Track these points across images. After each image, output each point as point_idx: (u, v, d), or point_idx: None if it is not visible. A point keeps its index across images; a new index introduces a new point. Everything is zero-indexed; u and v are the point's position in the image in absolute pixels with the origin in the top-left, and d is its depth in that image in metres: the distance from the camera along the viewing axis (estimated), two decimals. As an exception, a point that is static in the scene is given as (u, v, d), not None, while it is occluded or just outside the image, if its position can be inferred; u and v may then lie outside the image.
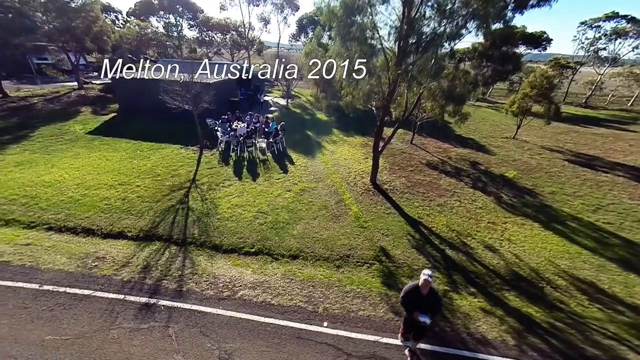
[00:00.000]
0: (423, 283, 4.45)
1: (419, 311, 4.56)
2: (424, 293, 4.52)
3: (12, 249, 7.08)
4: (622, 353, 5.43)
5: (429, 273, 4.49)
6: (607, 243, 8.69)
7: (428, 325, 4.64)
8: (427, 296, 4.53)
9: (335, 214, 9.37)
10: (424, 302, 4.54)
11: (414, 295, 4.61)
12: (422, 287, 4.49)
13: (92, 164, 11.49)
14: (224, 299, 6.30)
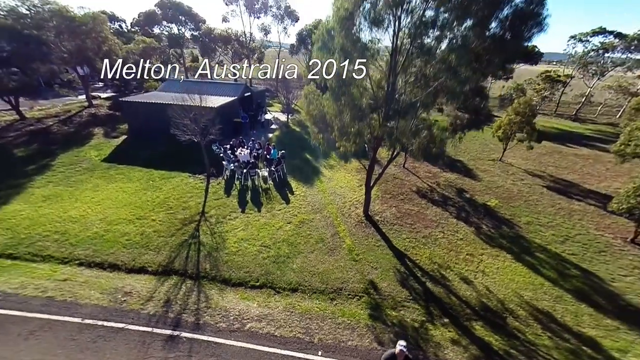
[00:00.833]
0: (399, 353, 5.23)
1: None
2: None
3: (52, 284, 8.29)
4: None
5: (404, 344, 5.25)
6: (568, 274, 9.92)
7: None
8: None
9: (330, 247, 10.59)
10: None
11: None
12: (398, 355, 5.26)
13: (110, 196, 12.67)
14: (235, 331, 7.51)
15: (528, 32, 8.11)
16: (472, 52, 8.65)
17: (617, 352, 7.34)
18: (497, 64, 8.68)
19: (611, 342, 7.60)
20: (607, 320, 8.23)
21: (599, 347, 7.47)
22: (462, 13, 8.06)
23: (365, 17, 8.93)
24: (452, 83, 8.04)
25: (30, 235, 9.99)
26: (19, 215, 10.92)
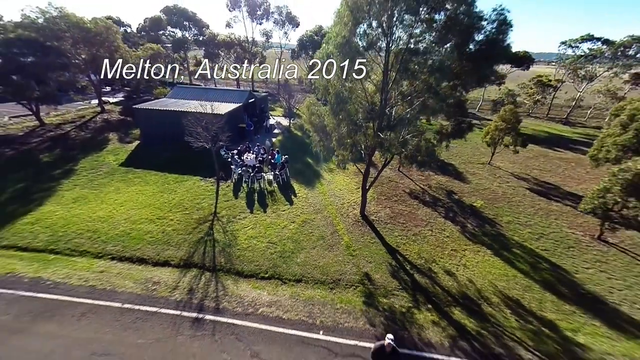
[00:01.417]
0: (387, 345, 6.10)
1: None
2: (387, 351, 6.21)
3: (92, 275, 9.67)
4: (518, 351, 8.03)
5: (391, 337, 6.12)
6: (539, 267, 11.30)
7: None
8: (390, 354, 6.24)
9: (330, 244, 11.96)
10: (387, 357, 6.31)
11: (381, 352, 6.31)
12: (386, 347, 6.15)
13: (132, 199, 14.05)
14: (249, 314, 8.88)
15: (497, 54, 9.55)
16: (452, 73, 10.07)
17: (570, 332, 8.71)
18: (472, 83, 10.08)
19: (567, 324, 8.98)
20: (566, 305, 9.60)
21: (556, 328, 8.84)
22: (441, 40, 9.47)
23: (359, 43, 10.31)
24: (433, 101, 9.40)
25: (67, 233, 11.37)
26: (54, 216, 12.31)
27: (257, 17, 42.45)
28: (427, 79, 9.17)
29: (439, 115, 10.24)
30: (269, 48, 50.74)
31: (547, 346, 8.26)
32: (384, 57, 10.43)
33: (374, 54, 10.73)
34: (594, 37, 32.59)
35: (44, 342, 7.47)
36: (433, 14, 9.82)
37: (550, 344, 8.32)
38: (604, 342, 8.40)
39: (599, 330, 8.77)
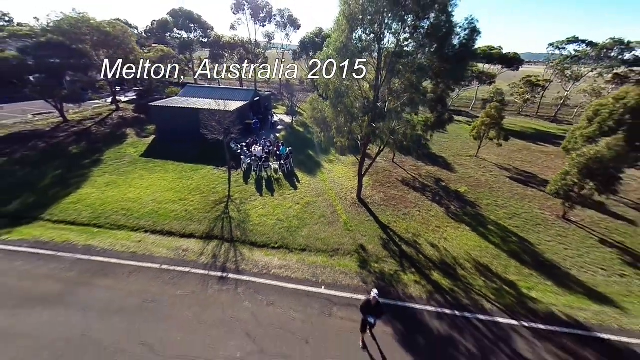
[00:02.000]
0: (372, 299, 7.41)
1: (370, 315, 7.56)
2: (373, 304, 7.49)
3: (132, 244, 11.55)
4: (481, 303, 9.90)
5: (376, 292, 7.46)
6: (508, 240, 13.20)
7: (374, 324, 7.67)
8: (375, 306, 7.52)
9: (330, 221, 13.85)
10: (372, 309, 7.55)
11: (367, 306, 7.58)
12: (372, 300, 7.46)
13: (155, 184, 15.93)
14: (264, 274, 10.75)
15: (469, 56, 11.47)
16: (433, 73, 11.98)
17: (526, 289, 10.57)
18: (450, 82, 11.99)
19: (524, 283, 10.86)
20: (526, 270, 11.49)
21: (515, 287, 10.71)
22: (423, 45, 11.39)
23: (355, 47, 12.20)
24: (415, 96, 11.28)
25: (105, 211, 13.26)
26: (92, 197, 14.19)
27: (259, 20, 44.26)
28: (411, 77, 11.05)
29: (422, 108, 12.00)
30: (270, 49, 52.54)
31: (505, 299, 10.14)
32: (376, 58, 12.35)
33: (367, 56, 12.65)
34: (579, 39, 34.50)
35: (104, 292, 9.36)
36: (418, 22, 11.73)
37: (508, 298, 10.21)
38: (551, 297, 10.29)
39: (550, 288, 10.67)
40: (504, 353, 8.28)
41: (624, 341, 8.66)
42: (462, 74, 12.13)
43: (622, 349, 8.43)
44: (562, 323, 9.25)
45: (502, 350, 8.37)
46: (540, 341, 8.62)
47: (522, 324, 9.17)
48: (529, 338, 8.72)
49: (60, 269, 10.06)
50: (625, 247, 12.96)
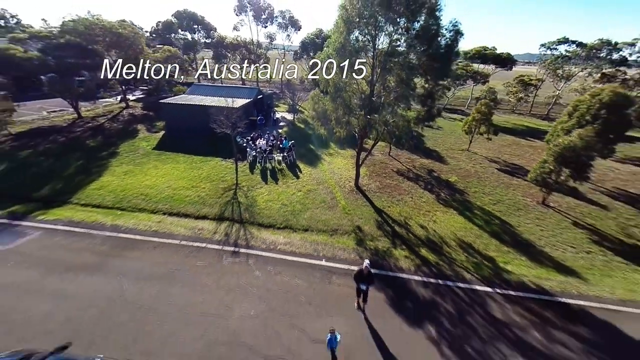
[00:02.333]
0: (364, 269, 8.54)
1: (362, 283, 8.81)
2: (365, 273, 8.61)
3: (153, 224, 12.94)
4: (462, 274, 11.25)
5: (368, 262, 8.66)
6: (491, 223, 14.58)
7: (366, 291, 8.96)
8: (366, 275, 8.63)
9: (330, 206, 15.23)
10: (365, 278, 8.69)
11: (360, 275, 8.70)
12: (363, 270, 8.59)
13: (169, 173, 17.31)
14: (271, 249, 12.12)
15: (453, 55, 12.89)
16: (423, 70, 13.36)
17: (502, 263, 11.90)
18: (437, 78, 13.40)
19: (502, 258, 12.21)
20: (504, 247, 12.86)
21: (493, 261, 12.06)
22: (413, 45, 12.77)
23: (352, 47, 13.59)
24: (406, 91, 12.66)
25: (126, 196, 14.64)
26: (113, 184, 15.58)
27: (261, 21, 45.64)
28: (401, 74, 12.44)
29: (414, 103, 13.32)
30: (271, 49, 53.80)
31: (483, 271, 11.50)
32: (371, 57, 13.72)
33: (363, 55, 14.02)
34: (569, 40, 35.86)
35: (135, 263, 10.74)
36: (409, 25, 13.10)
37: (486, 270, 11.58)
38: (524, 269, 11.65)
39: (523, 262, 12.03)
40: (478, 314, 9.66)
41: (580, 304, 10.05)
42: (448, 71, 13.47)
43: (577, 310, 9.81)
44: (530, 290, 10.63)
45: (476, 311, 9.75)
46: (510, 304, 9.99)
47: (496, 291, 10.55)
48: (500, 302, 10.10)
49: (94, 244, 11.46)
50: (595, 229, 14.35)
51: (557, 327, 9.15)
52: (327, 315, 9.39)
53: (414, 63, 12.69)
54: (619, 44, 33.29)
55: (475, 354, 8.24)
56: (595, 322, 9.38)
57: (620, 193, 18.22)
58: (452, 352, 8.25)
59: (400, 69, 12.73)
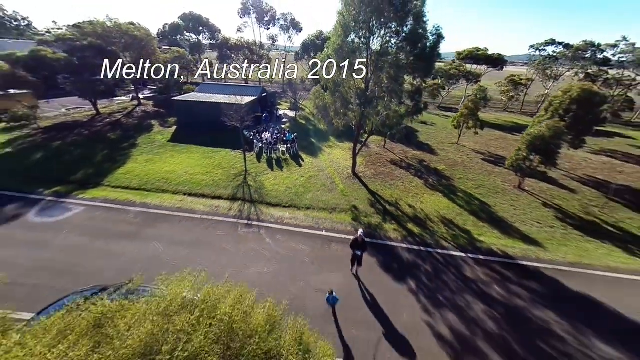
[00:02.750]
0: (359, 237, 10.13)
1: (357, 250, 10.37)
2: (359, 241, 10.17)
3: (176, 202, 14.91)
4: (441, 243, 13.22)
5: (361, 231, 10.33)
6: (472, 203, 16.55)
7: (360, 256, 10.56)
8: (361, 243, 10.22)
9: (329, 189, 17.21)
10: (359, 245, 10.23)
11: (355, 242, 10.23)
12: (358, 239, 10.16)
13: (184, 162, 19.31)
14: (279, 222, 14.08)
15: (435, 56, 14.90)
16: (410, 68, 15.35)
17: (477, 235, 13.87)
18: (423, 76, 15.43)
19: (477, 231, 14.16)
20: (480, 223, 14.82)
21: (469, 233, 14.01)
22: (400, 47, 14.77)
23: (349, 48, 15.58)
24: (394, 86, 14.66)
25: (149, 180, 16.63)
26: (136, 170, 17.57)
27: (264, 23, 47.74)
28: (391, 72, 14.44)
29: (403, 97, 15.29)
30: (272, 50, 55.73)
31: (460, 241, 13.46)
32: (365, 57, 15.71)
33: (359, 56, 16.01)
34: (556, 41, 37.86)
35: (166, 231, 12.71)
36: (399, 29, 15.08)
37: (462, 240, 13.54)
38: (494, 240, 13.62)
39: (495, 234, 14.00)
40: (451, 272, 11.62)
41: (536, 265, 12.03)
42: (432, 70, 15.44)
43: (533, 271, 11.77)
44: (497, 255, 12.60)
45: (450, 271, 11.71)
46: (478, 266, 11.95)
47: (468, 256, 12.52)
48: (471, 264, 12.06)
49: (129, 217, 13.45)
50: (561, 208, 16.34)
51: (514, 283, 11.12)
52: (326, 272, 11.36)
53: (403, 62, 14.69)
54: (602, 46, 35.30)
55: (445, 301, 10.19)
56: (545, 279, 11.36)
57: (588, 179, 20.24)
58: (427, 300, 10.20)
59: (390, 67, 14.75)
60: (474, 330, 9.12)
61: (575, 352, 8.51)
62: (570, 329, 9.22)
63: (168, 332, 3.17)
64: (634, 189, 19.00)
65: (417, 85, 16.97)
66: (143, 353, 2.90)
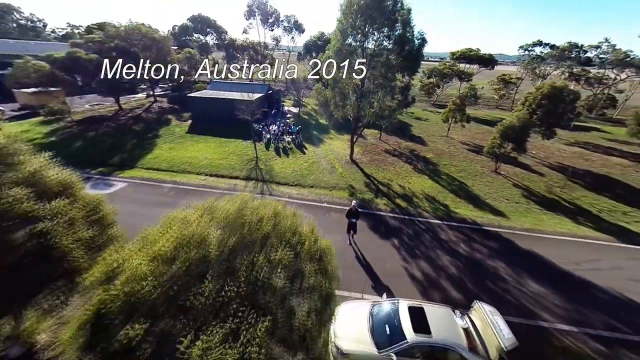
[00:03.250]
0: (353, 207, 12.19)
1: (352, 218, 12.37)
2: (353, 211, 12.18)
3: (200, 181, 17.62)
4: (422, 213, 15.90)
5: (355, 202, 12.59)
6: (452, 184, 19.20)
7: (355, 223, 12.59)
8: (355, 212, 12.33)
9: (330, 172, 19.89)
10: (353, 214, 12.23)
11: (350, 212, 12.17)
12: (352, 209, 12.19)
13: (203, 149, 22.04)
14: (287, 197, 16.75)
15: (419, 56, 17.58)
16: (398, 67, 18.02)
17: (453, 208, 16.48)
18: (409, 73, 18.12)
19: (453, 206, 16.78)
20: (458, 199, 17.46)
21: (447, 207, 16.62)
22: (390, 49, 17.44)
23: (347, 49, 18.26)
24: (386, 82, 17.33)
25: (175, 164, 19.38)
26: (163, 156, 20.32)
27: (268, 25, 50.42)
28: (381, 70, 17.12)
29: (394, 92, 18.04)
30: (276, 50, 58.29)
31: (438, 212, 16.09)
32: (361, 57, 18.37)
33: (356, 57, 18.69)
34: (543, 42, 40.40)
35: (196, 201, 15.40)
36: (390, 33, 17.73)
37: (441, 211, 16.17)
38: (467, 211, 16.24)
39: (469, 208, 16.63)
40: (427, 234, 14.23)
41: (497, 230, 14.61)
42: (417, 68, 18.12)
43: (494, 234, 14.35)
44: (467, 223, 15.22)
45: (427, 233, 14.32)
46: (450, 230, 14.56)
47: (444, 223, 15.15)
48: (445, 229, 14.67)
49: (164, 191, 16.20)
50: (528, 188, 18.98)
51: (476, 242, 13.72)
52: (327, 233, 13.89)
53: (393, 62, 17.36)
54: (584, 47, 37.81)
55: (420, 254, 12.77)
56: (502, 240, 13.93)
57: (558, 165, 22.86)
58: (406, 253, 12.78)
59: (382, 66, 17.43)
60: (439, 274, 11.73)
61: (512, 288, 11.11)
62: (513, 273, 11.84)
63: (246, 208, 5.91)
64: (594, 173, 21.64)
65: (406, 82, 19.65)
66: (235, 217, 5.60)
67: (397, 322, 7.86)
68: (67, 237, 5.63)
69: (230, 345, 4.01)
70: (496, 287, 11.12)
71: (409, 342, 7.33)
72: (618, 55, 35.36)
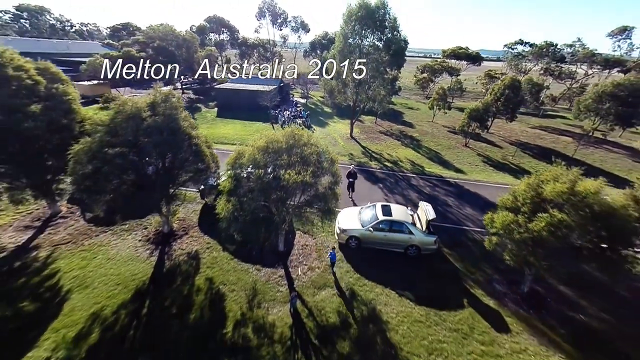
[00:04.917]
0: (352, 169, 17.53)
1: (351, 177, 18.06)
2: (352, 172, 17.08)
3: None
4: (403, 170, 21.33)
5: (353, 166, 19.10)
6: (430, 154, 24.58)
7: (353, 182, 18.13)
8: (353, 173, 17.02)
9: (333, 144, 25.31)
10: (352, 175, 17.10)
11: (350, 173, 16.63)
12: (351, 170, 17.09)
13: (232, 129, 27.55)
14: (301, 161, 22.24)
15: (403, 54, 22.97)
16: (387, 63, 23.41)
17: (427, 168, 21.91)
18: (395, 68, 23.53)
19: (427, 166, 22.18)
20: (432, 164, 22.83)
21: (423, 168, 22.03)
22: (380, 49, 22.84)
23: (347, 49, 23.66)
24: (377, 75, 22.72)
25: (214, 137, 24.89)
26: (204, 132, 25.80)
27: (277, 25, 55.66)
28: (373, 65, 22.51)
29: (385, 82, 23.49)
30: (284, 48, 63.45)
31: (415, 170, 21.52)
32: (358, 55, 23.74)
33: (354, 56, 24.08)
34: (523, 41, 45.41)
35: (232, 159, 21.00)
36: (382, 36, 23.07)
37: (417, 169, 21.58)
38: (436, 170, 21.60)
39: (438, 168, 21.99)
40: (404, 182, 19.66)
41: (455, 181, 20.01)
42: (402, 64, 23.48)
43: (452, 183, 19.76)
44: (435, 176, 20.62)
45: (404, 181, 19.75)
46: (422, 180, 19.98)
47: (419, 176, 20.57)
48: (417, 179, 20.09)
49: (209, 153, 21.70)
50: (488, 157, 24.33)
51: (438, 187, 19.10)
52: (332, 183, 19.52)
53: (383, 59, 22.76)
54: (559, 45, 42.79)
55: (398, 192, 18.22)
56: (457, 186, 19.33)
57: (517, 142, 28.17)
58: (388, 192, 18.23)
59: (373, 62, 22.83)
60: (408, 200, 17.14)
61: (454, 211, 16.42)
62: (457, 204, 17.17)
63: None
64: (542, 146, 26.97)
65: (394, 75, 24.98)
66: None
67: (374, 212, 13.33)
68: (203, 145, 11.14)
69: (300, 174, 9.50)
70: (444, 210, 16.56)
71: (379, 219, 12.79)
72: (586, 54, 40.33)
